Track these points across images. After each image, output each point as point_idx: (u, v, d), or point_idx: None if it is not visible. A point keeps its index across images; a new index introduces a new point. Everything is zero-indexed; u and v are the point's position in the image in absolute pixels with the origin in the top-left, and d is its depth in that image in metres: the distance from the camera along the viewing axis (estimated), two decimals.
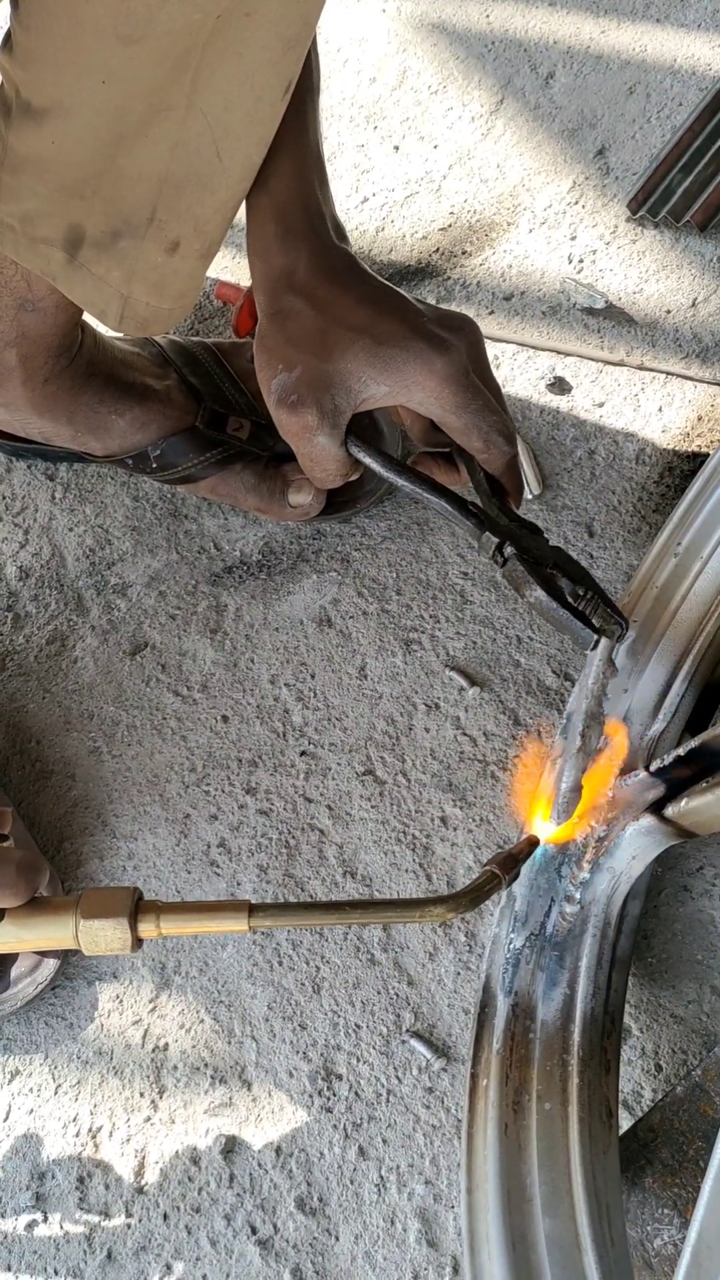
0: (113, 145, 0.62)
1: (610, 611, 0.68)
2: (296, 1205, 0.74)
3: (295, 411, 0.71)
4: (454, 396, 0.70)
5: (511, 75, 1.16)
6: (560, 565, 0.69)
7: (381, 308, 0.71)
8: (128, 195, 0.65)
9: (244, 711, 0.90)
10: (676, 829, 0.70)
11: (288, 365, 0.71)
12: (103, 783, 0.88)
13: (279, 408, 0.72)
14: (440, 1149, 0.75)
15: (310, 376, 0.70)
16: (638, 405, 0.98)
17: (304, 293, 0.71)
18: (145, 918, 0.61)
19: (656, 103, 1.12)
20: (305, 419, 0.71)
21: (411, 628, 0.91)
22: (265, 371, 0.72)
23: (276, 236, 0.72)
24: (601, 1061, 0.68)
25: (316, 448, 0.73)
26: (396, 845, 0.84)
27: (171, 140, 0.62)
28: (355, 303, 0.71)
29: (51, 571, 0.97)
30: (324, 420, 0.71)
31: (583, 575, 0.69)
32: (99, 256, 0.67)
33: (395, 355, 0.70)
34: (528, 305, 1.04)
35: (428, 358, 0.70)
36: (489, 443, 0.72)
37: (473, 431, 0.71)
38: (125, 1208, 0.75)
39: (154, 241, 0.67)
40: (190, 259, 0.70)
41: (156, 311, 0.71)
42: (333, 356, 0.70)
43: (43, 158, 0.63)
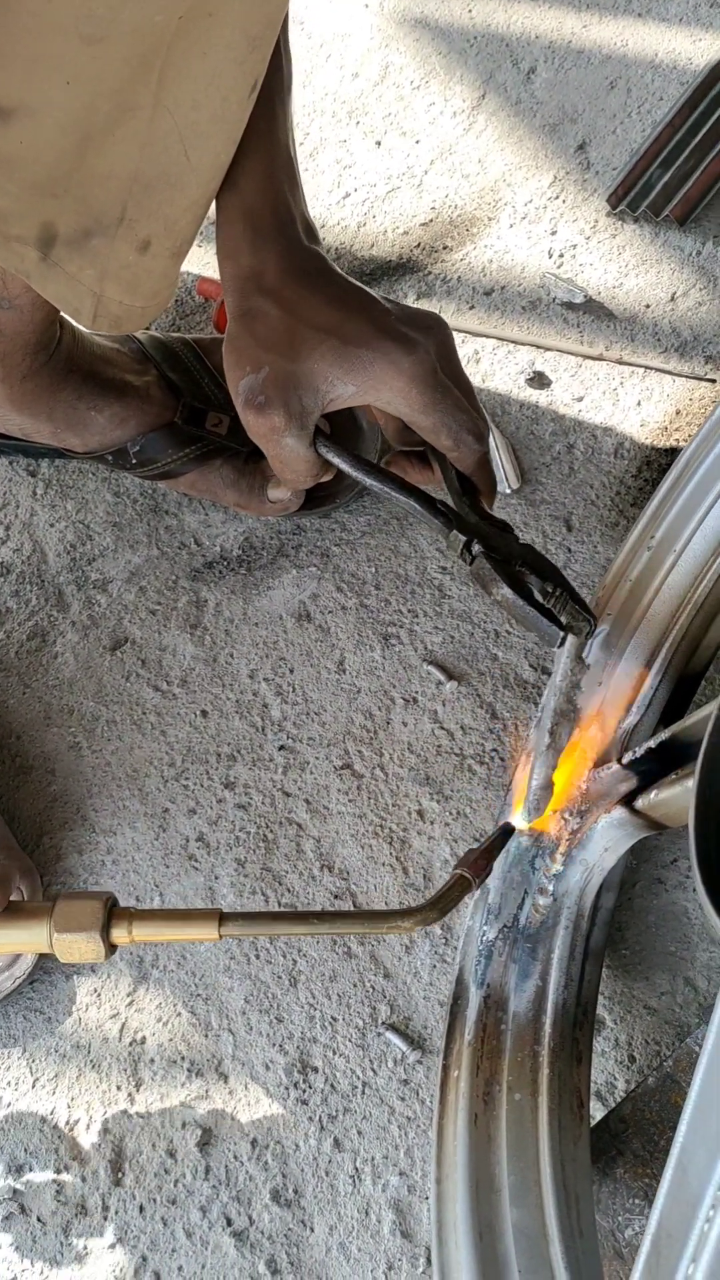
0: (81, 144, 0.62)
1: (579, 608, 0.68)
2: (272, 1197, 0.75)
3: (262, 412, 0.72)
4: (421, 396, 0.70)
5: (493, 70, 1.16)
6: (529, 562, 0.69)
7: (349, 308, 0.71)
8: (98, 194, 0.65)
9: (223, 706, 0.90)
10: (647, 821, 0.70)
11: (255, 366, 0.71)
12: (82, 778, 0.89)
13: (246, 409, 0.72)
14: (415, 1141, 0.75)
15: (277, 377, 0.71)
16: (616, 400, 0.98)
17: (272, 294, 0.71)
18: (118, 924, 0.62)
19: (637, 98, 1.12)
20: (272, 420, 0.72)
21: (390, 622, 0.92)
22: (234, 372, 0.73)
23: (245, 237, 0.72)
24: (573, 1053, 0.69)
25: (284, 449, 0.73)
26: (374, 839, 0.84)
27: (139, 139, 0.62)
28: (323, 303, 0.71)
29: (33, 567, 0.97)
30: (291, 421, 0.71)
31: (552, 572, 0.69)
32: (72, 255, 0.68)
33: (362, 355, 0.70)
34: (508, 300, 1.04)
35: (395, 357, 0.70)
36: (458, 441, 0.72)
37: (441, 430, 0.72)
38: (102, 1200, 0.75)
39: (125, 240, 0.68)
40: (162, 258, 0.70)
41: (129, 310, 0.72)
42: (300, 357, 0.70)
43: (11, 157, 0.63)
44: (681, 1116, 0.52)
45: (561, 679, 0.70)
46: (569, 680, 0.70)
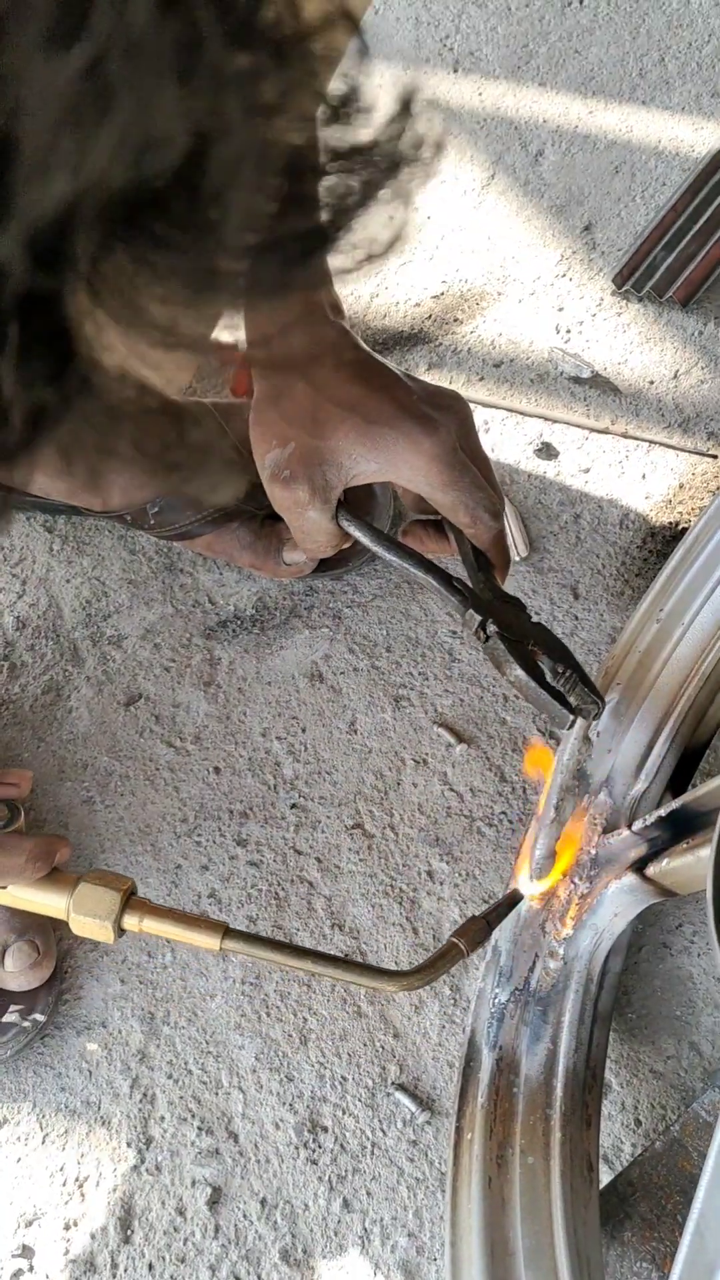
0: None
1: (587, 690, 0.70)
2: (281, 1256, 0.75)
3: (288, 487, 0.74)
4: (441, 475, 0.73)
5: (503, 152, 1.21)
6: (541, 642, 0.71)
7: (372, 385, 0.74)
8: None
9: (236, 764, 0.92)
10: (657, 888, 0.72)
11: (281, 441, 0.74)
12: (95, 832, 0.90)
13: (272, 482, 0.75)
14: (424, 1201, 0.76)
15: (302, 453, 0.73)
16: (622, 472, 1.02)
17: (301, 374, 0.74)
18: (132, 913, 0.66)
19: (641, 182, 1.17)
20: (297, 494, 0.74)
21: (401, 684, 0.94)
22: (260, 446, 0.75)
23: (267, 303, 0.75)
24: (583, 1116, 0.70)
25: (308, 521, 0.76)
26: (384, 898, 0.86)
27: None
28: (347, 380, 0.74)
29: (48, 622, 0.99)
30: (315, 495, 0.74)
31: (563, 653, 0.71)
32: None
33: (384, 434, 0.72)
34: (517, 373, 1.08)
35: (416, 438, 0.72)
36: (475, 519, 0.74)
37: (460, 508, 0.74)
38: (110, 1258, 0.76)
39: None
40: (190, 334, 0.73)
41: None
42: (324, 433, 0.73)
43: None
44: (699, 1184, 0.54)
45: (569, 757, 0.72)
46: (575, 759, 0.72)
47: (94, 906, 0.66)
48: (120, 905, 0.66)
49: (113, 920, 0.66)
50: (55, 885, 0.68)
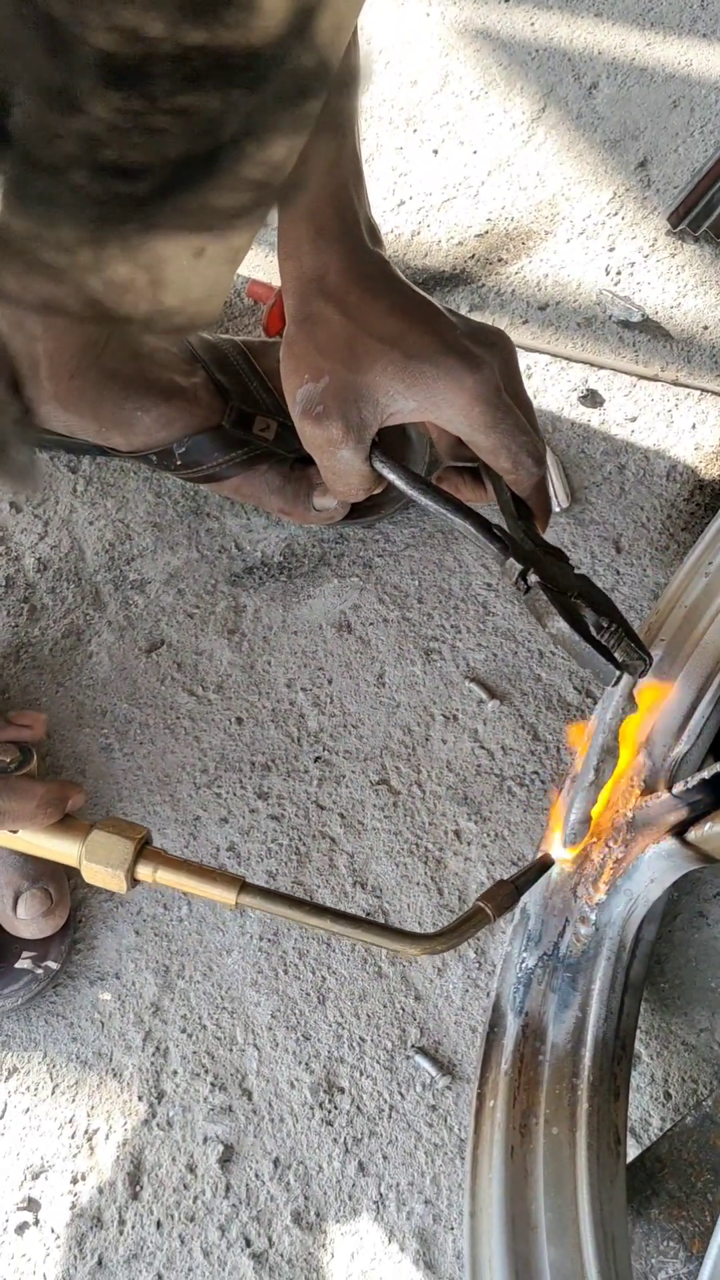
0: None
1: (634, 645, 0.66)
2: (293, 1219, 0.73)
3: (320, 423, 0.70)
4: (484, 415, 0.69)
5: (554, 84, 1.15)
6: (584, 594, 0.67)
7: (413, 318, 0.70)
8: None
9: (259, 714, 0.89)
10: (698, 854, 0.69)
11: (314, 375, 0.70)
12: (113, 780, 0.87)
13: (304, 419, 0.70)
14: (441, 1168, 0.73)
15: (337, 388, 0.69)
16: (670, 421, 0.97)
17: (334, 299, 0.70)
18: (146, 863, 0.64)
19: (700, 117, 1.11)
20: (330, 432, 0.70)
21: (432, 637, 0.90)
22: (291, 379, 0.71)
23: (308, 237, 0.71)
24: (611, 1087, 0.67)
25: (340, 461, 0.72)
26: (409, 857, 0.83)
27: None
28: (386, 312, 0.70)
29: (70, 564, 0.96)
30: (349, 434, 0.70)
31: (608, 606, 0.67)
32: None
33: (425, 371, 0.68)
34: (562, 316, 1.03)
35: (458, 375, 0.68)
36: (518, 464, 0.70)
37: (501, 452, 0.70)
38: (118, 1213, 0.74)
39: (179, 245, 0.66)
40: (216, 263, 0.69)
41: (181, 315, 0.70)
42: (361, 368, 0.69)
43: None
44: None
45: (611, 717, 0.68)
46: (618, 719, 0.68)
47: (107, 855, 0.64)
48: (134, 855, 0.64)
49: (125, 869, 0.64)
50: (68, 832, 0.66)
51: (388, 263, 0.73)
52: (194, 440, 0.90)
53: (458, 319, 0.72)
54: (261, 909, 0.63)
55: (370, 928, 0.62)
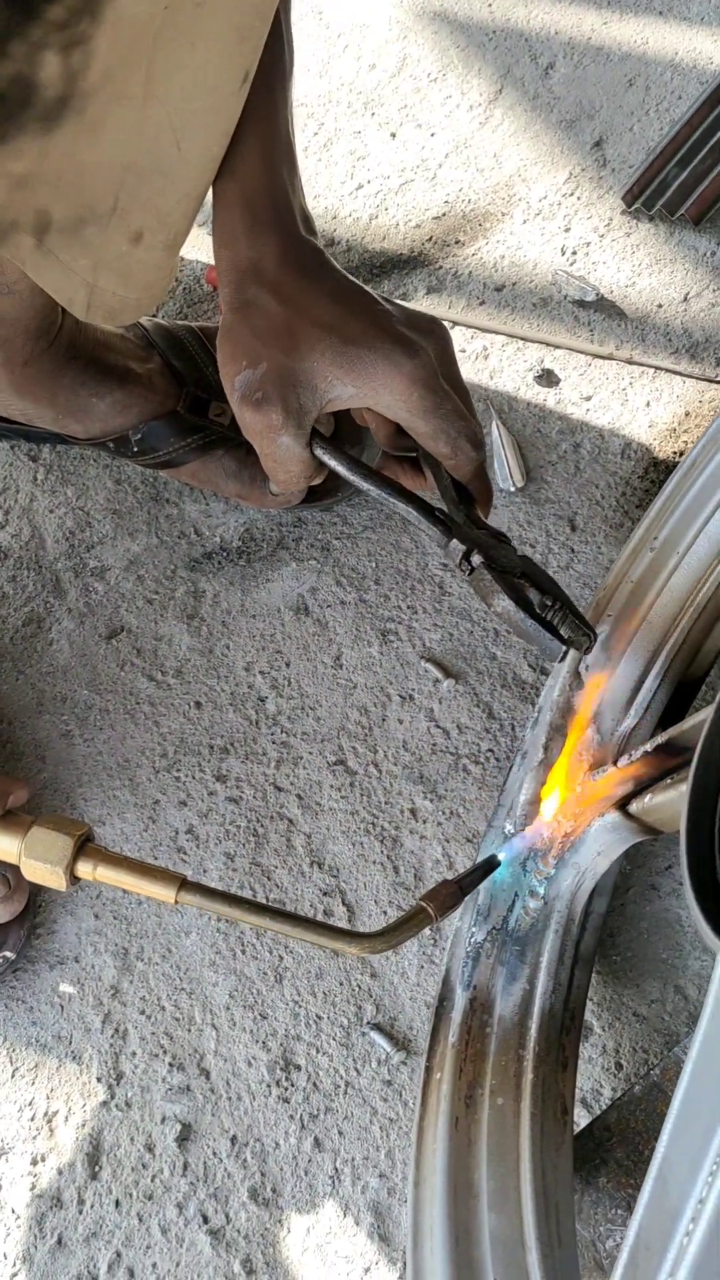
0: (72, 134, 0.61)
1: (578, 622, 0.66)
2: (250, 1195, 0.74)
3: (259, 409, 0.70)
4: (422, 401, 0.69)
5: (511, 65, 1.15)
6: (528, 574, 0.67)
7: (350, 306, 0.70)
8: (90, 184, 0.64)
9: (217, 698, 0.89)
10: (641, 825, 0.69)
11: (252, 361, 0.69)
12: (73, 766, 0.88)
13: (243, 405, 0.70)
14: (396, 1142, 0.74)
15: (276, 373, 0.69)
16: (625, 400, 0.97)
17: (271, 286, 0.70)
18: (86, 860, 0.63)
19: (656, 96, 1.11)
20: (270, 417, 0.70)
21: (389, 618, 0.90)
22: (229, 366, 0.71)
23: (244, 226, 0.71)
24: (559, 1058, 0.67)
25: (280, 448, 0.72)
26: (365, 836, 0.83)
27: (130, 128, 0.61)
28: (324, 299, 0.70)
29: (30, 553, 0.97)
30: (289, 419, 0.70)
31: (551, 585, 0.67)
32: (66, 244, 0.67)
33: (363, 356, 0.68)
34: (519, 297, 1.03)
35: (396, 360, 0.68)
36: (456, 449, 0.70)
37: (440, 437, 0.70)
38: (78, 1193, 0.75)
39: (118, 231, 0.67)
40: (155, 250, 0.69)
41: (124, 301, 0.70)
42: (299, 354, 0.69)
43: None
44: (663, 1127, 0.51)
45: (559, 693, 0.68)
46: (566, 695, 0.68)
47: (46, 851, 0.63)
48: (73, 851, 0.63)
49: (65, 866, 0.62)
50: (8, 828, 0.64)
51: (322, 251, 0.73)
52: (150, 426, 0.90)
53: (394, 307, 0.72)
54: (202, 907, 0.62)
55: (310, 926, 0.63)
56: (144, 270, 0.70)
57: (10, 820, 0.65)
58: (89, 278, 0.68)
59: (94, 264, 0.67)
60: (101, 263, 0.67)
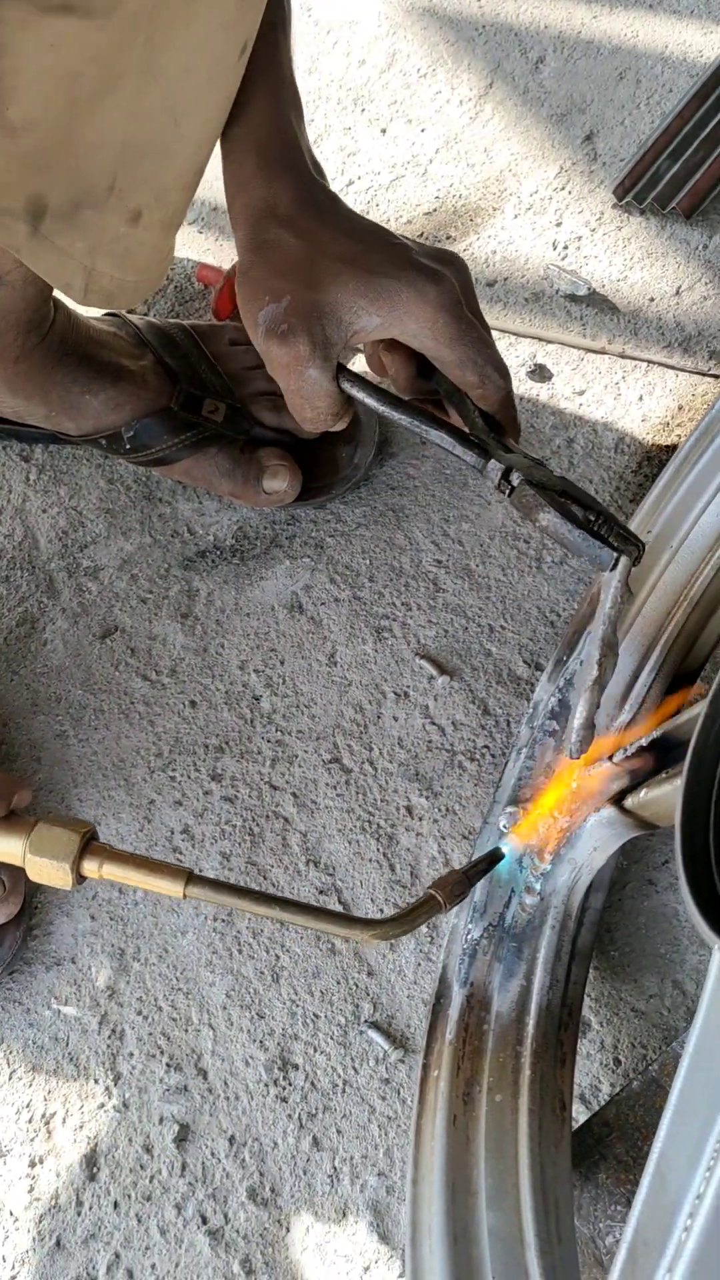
0: (68, 112, 0.61)
1: (625, 533, 0.65)
2: (248, 1195, 0.73)
3: (286, 341, 0.69)
4: (449, 327, 0.68)
5: (501, 59, 1.15)
6: (568, 492, 0.66)
7: (369, 240, 0.70)
8: (87, 164, 0.64)
9: (212, 697, 0.89)
10: (637, 820, 0.69)
11: (275, 296, 0.69)
12: (68, 766, 0.88)
13: (268, 339, 0.70)
14: (395, 1141, 0.74)
15: (300, 306, 0.69)
16: (618, 394, 0.97)
17: (288, 224, 0.70)
18: (92, 858, 0.62)
19: (646, 89, 1.11)
20: (297, 349, 0.69)
21: (383, 615, 0.90)
22: (251, 305, 0.70)
23: (257, 169, 0.71)
24: (556, 1054, 0.67)
25: (308, 381, 0.71)
26: (361, 834, 0.83)
27: (128, 108, 0.61)
28: (341, 234, 0.70)
29: (24, 553, 0.96)
30: (315, 350, 0.69)
31: (592, 501, 0.67)
32: (61, 228, 0.66)
33: (387, 285, 0.68)
34: (510, 292, 1.03)
35: (421, 287, 0.68)
36: (484, 376, 0.70)
37: (468, 365, 0.69)
38: (76, 1195, 0.74)
39: (115, 212, 0.66)
40: (153, 229, 0.69)
41: (121, 284, 0.70)
42: (322, 286, 0.68)
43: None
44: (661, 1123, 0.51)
45: (611, 607, 0.66)
46: (618, 609, 0.66)
47: (52, 849, 0.62)
48: (79, 849, 0.63)
49: (71, 863, 0.62)
50: (11, 829, 0.64)
51: (333, 192, 0.73)
52: (143, 423, 0.90)
53: (411, 241, 0.72)
54: (210, 900, 0.62)
55: (322, 915, 0.62)
56: (142, 251, 0.70)
57: (14, 820, 0.65)
58: (86, 261, 0.67)
59: (91, 247, 0.67)
60: (99, 245, 0.67)
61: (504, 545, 0.92)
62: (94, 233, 0.67)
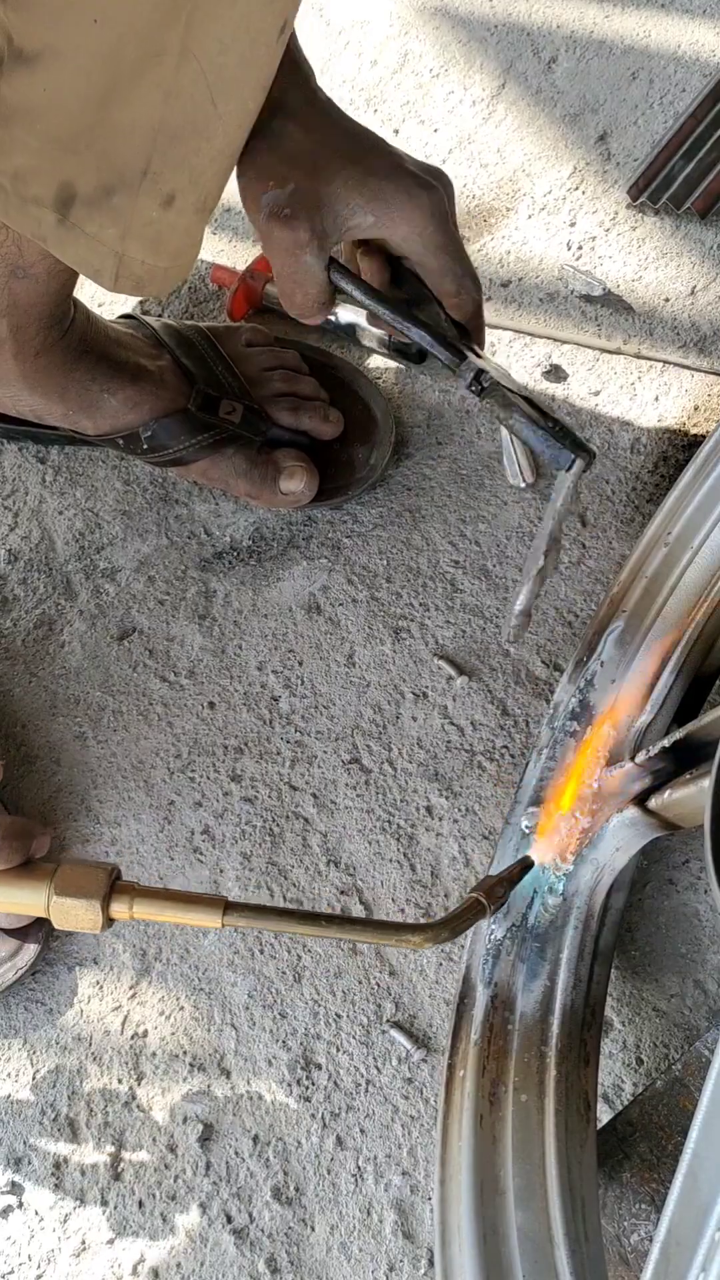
0: (106, 92, 0.60)
1: (581, 442, 0.71)
2: (273, 1194, 0.74)
3: (287, 225, 0.72)
4: (435, 236, 0.73)
5: (514, 59, 1.15)
6: (531, 401, 0.72)
7: (369, 144, 0.74)
8: (121, 148, 0.64)
9: (231, 698, 0.89)
10: (660, 821, 0.69)
11: (279, 181, 0.72)
12: (87, 768, 0.88)
13: (270, 221, 0.72)
14: (418, 1140, 0.74)
15: (302, 194, 0.72)
16: (634, 394, 0.97)
17: (295, 118, 0.73)
18: (120, 899, 0.61)
19: (659, 89, 1.11)
20: (298, 234, 0.72)
21: (401, 616, 0.90)
22: (254, 186, 0.73)
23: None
24: (580, 1054, 0.68)
25: (302, 267, 0.74)
26: (381, 834, 0.83)
27: (165, 88, 0.61)
28: (344, 134, 0.74)
29: (40, 555, 0.96)
30: (314, 237, 0.72)
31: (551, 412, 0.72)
32: (92, 214, 0.66)
33: (384, 187, 0.72)
34: (525, 292, 1.03)
35: (413, 192, 0.72)
36: (461, 286, 0.75)
37: (448, 274, 0.75)
38: (101, 1195, 0.75)
39: (149, 196, 0.66)
40: (186, 213, 0.69)
41: (152, 270, 0.70)
42: (324, 178, 0.72)
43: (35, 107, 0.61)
44: (693, 1123, 0.51)
45: (562, 505, 0.71)
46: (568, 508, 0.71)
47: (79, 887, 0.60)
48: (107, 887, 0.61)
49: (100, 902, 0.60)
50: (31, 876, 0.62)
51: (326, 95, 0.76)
52: (160, 423, 0.90)
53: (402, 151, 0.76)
54: (251, 925, 0.61)
55: (367, 926, 0.63)
56: (174, 235, 0.70)
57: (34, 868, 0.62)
58: (117, 247, 0.68)
59: (122, 232, 0.67)
60: (130, 230, 0.68)
61: (520, 545, 0.92)
62: (126, 218, 0.67)
